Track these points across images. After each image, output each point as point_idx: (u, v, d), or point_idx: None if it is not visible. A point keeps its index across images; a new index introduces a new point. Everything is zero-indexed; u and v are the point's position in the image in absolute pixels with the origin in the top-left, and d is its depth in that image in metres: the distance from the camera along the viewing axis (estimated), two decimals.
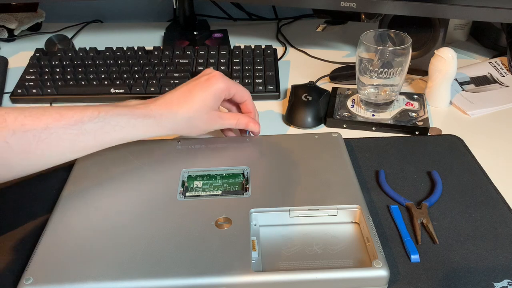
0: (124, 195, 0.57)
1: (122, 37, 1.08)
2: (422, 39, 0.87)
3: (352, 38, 1.05)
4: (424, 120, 0.74)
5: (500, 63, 0.91)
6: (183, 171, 0.61)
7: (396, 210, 0.58)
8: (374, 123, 0.74)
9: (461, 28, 0.99)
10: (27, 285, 0.46)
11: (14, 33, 1.05)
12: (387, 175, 0.64)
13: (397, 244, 0.54)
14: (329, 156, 0.63)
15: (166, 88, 0.81)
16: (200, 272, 0.47)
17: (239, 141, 0.67)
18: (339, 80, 0.87)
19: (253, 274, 0.46)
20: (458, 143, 0.71)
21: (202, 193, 0.58)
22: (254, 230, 0.53)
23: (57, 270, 0.47)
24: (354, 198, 0.55)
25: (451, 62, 0.76)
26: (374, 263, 0.47)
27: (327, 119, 0.75)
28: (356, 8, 0.83)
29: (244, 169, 0.61)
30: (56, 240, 0.51)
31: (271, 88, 0.83)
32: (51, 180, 0.64)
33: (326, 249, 0.51)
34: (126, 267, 0.48)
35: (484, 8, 0.77)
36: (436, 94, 0.79)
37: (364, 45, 0.71)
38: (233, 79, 0.83)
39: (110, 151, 0.65)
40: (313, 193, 0.56)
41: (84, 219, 0.54)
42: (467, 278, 0.50)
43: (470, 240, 0.54)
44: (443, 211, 0.58)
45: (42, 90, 0.82)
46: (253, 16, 1.16)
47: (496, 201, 0.60)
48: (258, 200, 0.55)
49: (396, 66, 0.70)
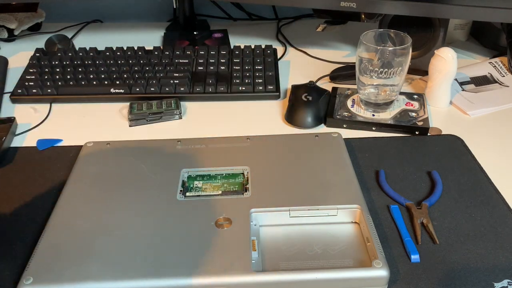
0: (124, 195, 0.57)
1: (122, 37, 1.08)
2: (422, 39, 0.87)
3: (352, 38, 1.05)
4: (424, 120, 0.74)
5: (500, 63, 0.91)
6: (183, 171, 0.61)
7: (396, 210, 0.58)
8: (374, 123, 0.74)
9: (461, 28, 0.99)
10: (27, 285, 0.46)
11: (14, 33, 1.05)
12: (387, 175, 0.64)
13: (397, 244, 0.54)
14: (329, 156, 0.63)
15: (166, 88, 0.81)
16: (200, 272, 0.47)
17: (239, 141, 0.67)
18: (339, 80, 0.87)
19: (253, 274, 0.47)
20: (458, 143, 0.71)
21: (202, 193, 0.58)
22: (254, 230, 0.53)
23: (57, 270, 0.47)
24: (354, 198, 0.56)
25: (451, 62, 0.76)
26: (374, 263, 0.47)
27: (327, 119, 0.75)
28: (356, 8, 0.83)
29: (244, 169, 0.61)
30: (56, 240, 0.51)
31: (271, 88, 0.83)
32: (51, 180, 0.64)
33: (326, 249, 0.51)
34: (126, 267, 0.48)
35: (484, 8, 0.77)
36: (436, 94, 0.79)
37: (364, 45, 0.71)
38: (233, 79, 0.83)
39: (110, 150, 0.65)
40: (313, 193, 0.56)
41: (84, 219, 0.54)
42: (467, 278, 0.50)
43: (470, 240, 0.54)
44: (443, 211, 0.58)
45: (42, 90, 0.82)
46: (253, 16, 1.16)
47: (496, 201, 0.60)
48: (258, 200, 0.56)
49: (396, 66, 0.70)
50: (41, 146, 0.71)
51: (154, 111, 0.77)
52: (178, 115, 0.78)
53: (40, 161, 0.68)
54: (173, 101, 0.79)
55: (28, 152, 0.70)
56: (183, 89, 0.81)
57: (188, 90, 0.82)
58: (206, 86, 0.82)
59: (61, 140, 0.73)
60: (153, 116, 0.77)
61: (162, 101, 0.79)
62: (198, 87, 0.82)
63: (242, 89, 0.82)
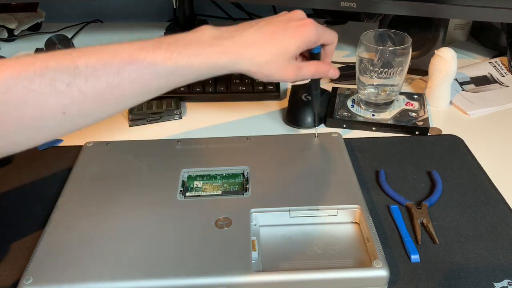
0: (124, 195, 0.57)
1: (122, 37, 1.08)
2: (422, 39, 0.87)
3: (352, 38, 1.04)
4: (424, 120, 0.74)
5: (500, 63, 0.91)
6: (183, 171, 0.61)
7: (396, 210, 0.58)
8: (374, 123, 0.74)
9: (461, 28, 0.99)
10: (27, 285, 0.46)
11: (14, 33, 1.05)
12: (387, 175, 0.64)
13: (397, 244, 0.54)
14: (329, 156, 0.63)
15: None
16: (200, 272, 0.47)
17: (239, 141, 0.67)
18: (339, 80, 0.87)
19: (253, 274, 0.46)
20: (458, 143, 0.70)
21: (202, 193, 0.58)
22: (254, 230, 0.53)
23: (57, 270, 0.47)
24: (354, 198, 0.55)
25: (451, 62, 0.76)
26: (374, 263, 0.47)
27: (327, 119, 0.75)
28: (356, 8, 0.83)
29: (244, 169, 0.61)
30: (56, 240, 0.51)
31: (271, 88, 0.83)
32: (51, 180, 0.64)
33: (326, 249, 0.51)
34: (126, 267, 0.48)
35: (484, 8, 0.77)
36: (436, 94, 0.79)
37: (364, 45, 0.71)
38: (233, 79, 0.83)
39: (110, 150, 0.65)
40: (313, 193, 0.56)
41: (84, 219, 0.54)
42: (467, 278, 0.50)
43: (470, 240, 0.54)
44: (443, 211, 0.58)
45: None
46: (253, 16, 1.16)
47: (496, 201, 0.60)
48: (258, 200, 0.55)
49: (396, 66, 0.70)
50: (41, 146, 0.71)
51: (154, 111, 0.77)
52: (178, 115, 0.78)
53: (40, 161, 0.68)
54: (173, 101, 0.79)
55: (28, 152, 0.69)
56: (183, 89, 0.81)
57: (188, 90, 0.82)
58: (206, 86, 0.82)
59: (61, 140, 0.73)
60: (153, 116, 0.77)
61: (162, 101, 0.79)
62: (198, 87, 0.82)
63: (242, 89, 0.82)
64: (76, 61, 0.46)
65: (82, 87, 0.46)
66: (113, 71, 0.47)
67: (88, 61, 0.46)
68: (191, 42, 0.51)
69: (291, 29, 0.55)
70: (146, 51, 0.49)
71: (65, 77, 0.45)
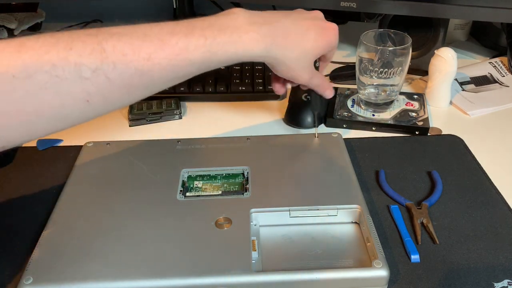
0: (124, 195, 0.57)
1: None
2: (422, 39, 0.87)
3: (352, 38, 1.04)
4: (424, 120, 0.74)
5: (500, 63, 0.91)
6: (183, 171, 0.61)
7: (396, 210, 0.58)
8: (374, 123, 0.74)
9: (461, 28, 0.99)
10: (27, 285, 0.46)
11: (14, 33, 1.05)
12: (387, 175, 0.64)
13: (397, 244, 0.54)
14: (329, 156, 0.63)
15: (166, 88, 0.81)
16: (200, 272, 0.47)
17: (239, 141, 0.67)
18: (339, 80, 0.87)
19: (253, 274, 0.46)
20: (458, 143, 0.70)
21: (202, 193, 0.58)
22: (254, 230, 0.53)
23: (57, 270, 0.47)
24: (354, 198, 0.55)
25: (451, 62, 0.76)
26: (374, 263, 0.47)
27: (327, 119, 0.75)
28: (356, 8, 0.83)
29: (244, 169, 0.61)
30: (56, 240, 0.51)
31: (271, 88, 0.83)
32: (51, 180, 0.64)
33: (326, 249, 0.51)
34: (126, 267, 0.48)
35: (484, 8, 0.77)
36: (436, 94, 0.79)
37: (364, 45, 0.71)
38: (233, 79, 0.83)
39: (110, 150, 0.65)
40: (313, 193, 0.56)
41: (84, 219, 0.54)
42: (467, 278, 0.50)
43: (470, 240, 0.54)
44: (443, 211, 0.58)
45: None
46: None
47: (496, 201, 0.60)
48: (258, 200, 0.55)
49: (396, 66, 0.70)
50: (41, 146, 0.71)
51: (154, 111, 0.77)
52: (178, 115, 0.78)
53: (40, 161, 0.68)
54: (173, 101, 0.79)
55: (28, 152, 0.70)
56: (183, 89, 0.81)
57: (188, 90, 0.82)
58: (206, 86, 0.82)
59: (61, 140, 0.73)
60: (153, 116, 0.77)
61: (162, 101, 0.79)
62: (198, 87, 0.82)
63: (242, 89, 0.82)
64: (103, 44, 0.41)
65: (109, 74, 0.42)
66: (142, 56, 0.43)
67: (116, 44, 0.42)
68: (226, 26, 0.48)
69: (321, 29, 0.54)
70: (178, 36, 0.45)
71: (91, 61, 0.41)
